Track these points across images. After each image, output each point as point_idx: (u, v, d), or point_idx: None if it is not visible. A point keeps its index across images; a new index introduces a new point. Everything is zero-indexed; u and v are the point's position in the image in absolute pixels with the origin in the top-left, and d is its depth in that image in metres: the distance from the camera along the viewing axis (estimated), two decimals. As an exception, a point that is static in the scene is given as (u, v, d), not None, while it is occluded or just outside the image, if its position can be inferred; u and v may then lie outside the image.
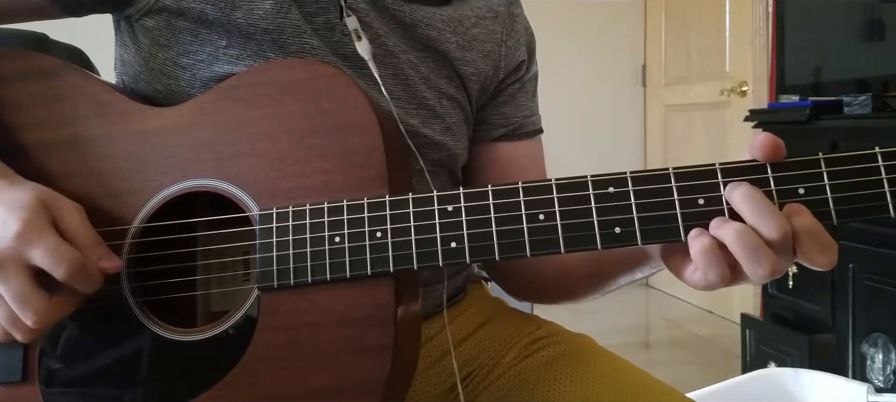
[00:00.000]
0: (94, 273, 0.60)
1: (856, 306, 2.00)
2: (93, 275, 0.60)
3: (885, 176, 0.53)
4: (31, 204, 0.58)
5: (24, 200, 0.59)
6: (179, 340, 0.63)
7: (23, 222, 0.57)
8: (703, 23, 3.60)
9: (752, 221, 0.53)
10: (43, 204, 0.59)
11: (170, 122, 0.66)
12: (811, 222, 0.53)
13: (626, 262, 0.69)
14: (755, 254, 0.53)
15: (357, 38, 0.71)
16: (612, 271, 0.72)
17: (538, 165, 0.88)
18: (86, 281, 0.59)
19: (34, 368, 0.64)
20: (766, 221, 0.53)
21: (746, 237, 0.53)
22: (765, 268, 0.53)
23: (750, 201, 0.53)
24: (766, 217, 0.53)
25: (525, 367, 0.78)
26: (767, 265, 0.53)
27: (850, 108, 2.02)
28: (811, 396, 1.31)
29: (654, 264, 0.65)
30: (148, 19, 0.72)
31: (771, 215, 0.53)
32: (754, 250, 0.53)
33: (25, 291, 0.57)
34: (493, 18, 0.82)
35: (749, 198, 0.53)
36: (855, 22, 2.29)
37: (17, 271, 0.57)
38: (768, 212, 0.53)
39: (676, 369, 2.85)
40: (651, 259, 0.65)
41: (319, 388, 0.59)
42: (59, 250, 0.58)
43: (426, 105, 0.77)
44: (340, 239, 0.60)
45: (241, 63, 0.70)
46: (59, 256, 0.58)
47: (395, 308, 0.59)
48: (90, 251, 0.60)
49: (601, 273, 0.74)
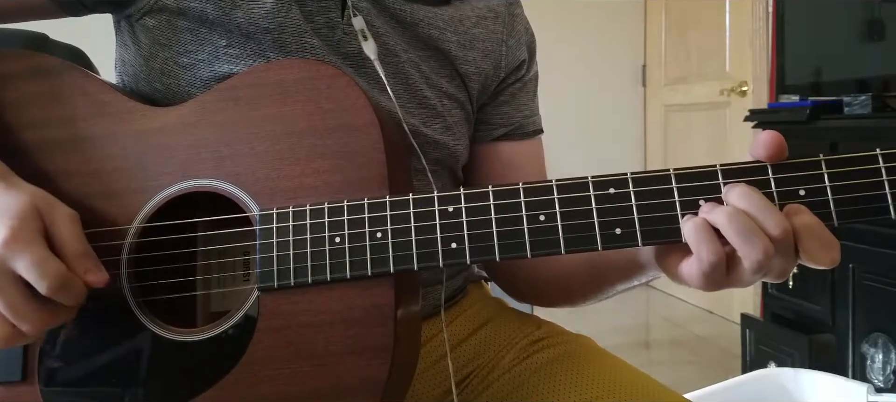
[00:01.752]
0: (78, 287, 0.59)
1: (856, 306, 2.00)
2: (77, 289, 0.59)
3: (885, 177, 0.53)
4: (23, 211, 0.57)
5: (16, 206, 0.57)
6: (179, 340, 0.63)
7: (11, 231, 0.56)
8: (703, 23, 3.60)
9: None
10: (35, 211, 0.58)
11: (170, 121, 0.66)
12: (812, 220, 0.53)
13: (625, 269, 0.69)
14: (748, 235, 0.52)
15: (364, 39, 0.71)
16: (610, 276, 0.72)
17: (538, 165, 0.88)
18: (69, 295, 0.58)
19: (34, 367, 0.64)
20: (766, 218, 0.53)
21: (739, 218, 0.52)
22: (759, 249, 0.52)
23: (747, 198, 0.53)
24: (765, 214, 0.53)
25: (525, 368, 0.78)
26: (761, 247, 0.52)
27: (850, 108, 2.02)
28: (811, 396, 1.31)
29: (651, 272, 0.65)
30: (148, 19, 0.72)
31: (770, 212, 0.53)
32: (748, 231, 0.52)
33: (15, 300, 0.56)
34: (493, 18, 0.82)
35: (746, 196, 0.53)
36: (855, 22, 2.29)
37: (7, 282, 0.56)
38: (767, 209, 0.53)
39: (676, 369, 2.85)
40: (648, 267, 0.65)
41: (319, 388, 0.59)
42: (43, 264, 0.56)
43: (427, 104, 0.77)
44: (341, 239, 0.59)
45: (241, 63, 0.70)
46: (43, 271, 0.56)
47: (395, 309, 0.59)
48: (77, 264, 0.59)
49: (600, 279, 0.74)
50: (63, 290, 0.57)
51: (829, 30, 2.43)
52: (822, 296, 2.09)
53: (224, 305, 0.69)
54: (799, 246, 0.53)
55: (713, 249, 0.54)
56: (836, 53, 2.40)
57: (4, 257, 0.56)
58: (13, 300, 0.56)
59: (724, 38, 3.43)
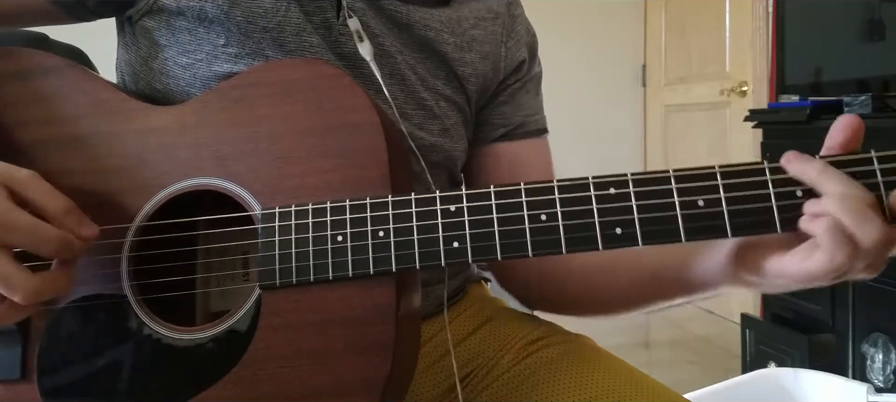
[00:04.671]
0: (77, 244, 0.59)
1: (856, 306, 2.00)
2: (76, 245, 0.59)
3: (880, 179, 0.53)
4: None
5: None
6: (181, 338, 0.63)
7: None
8: (703, 23, 3.60)
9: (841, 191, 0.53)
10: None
11: (172, 120, 0.66)
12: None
13: (688, 282, 0.68)
14: (863, 214, 0.52)
15: (359, 40, 0.71)
16: (670, 290, 0.71)
17: (543, 164, 0.86)
18: (70, 252, 0.58)
19: (33, 365, 0.64)
20: (854, 190, 0.52)
21: (849, 200, 0.52)
22: (876, 225, 0.51)
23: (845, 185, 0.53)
24: (854, 187, 0.53)
25: (524, 367, 0.78)
26: (877, 223, 0.51)
27: (850, 108, 2.02)
28: (811, 396, 1.31)
29: (724, 287, 0.64)
30: (147, 20, 0.72)
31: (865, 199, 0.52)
32: (861, 210, 0.52)
33: (7, 270, 0.55)
34: (492, 19, 0.82)
35: (843, 182, 0.53)
36: (855, 22, 2.29)
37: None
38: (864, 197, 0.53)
39: (676, 369, 2.85)
40: (721, 281, 0.64)
41: (320, 386, 0.60)
42: (37, 229, 0.56)
43: (424, 106, 0.77)
44: (343, 238, 0.60)
45: (240, 61, 0.70)
46: (41, 235, 0.56)
47: (396, 307, 0.59)
48: (66, 220, 0.58)
49: (653, 291, 0.73)
50: (64, 250, 0.58)
51: (829, 30, 2.43)
52: (822, 296, 2.09)
53: (225, 304, 0.69)
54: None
55: (847, 251, 0.52)
56: (836, 53, 2.40)
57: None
58: (4, 270, 0.55)
59: (724, 38, 3.43)
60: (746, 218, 0.55)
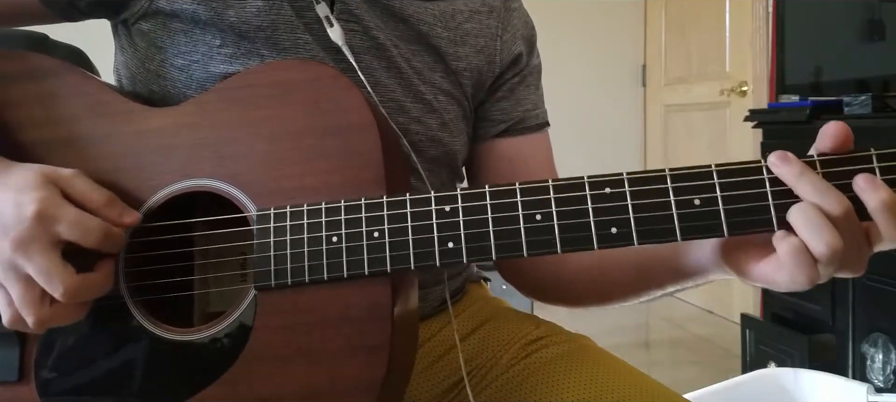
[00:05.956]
0: (119, 233, 0.62)
1: (856, 306, 2.00)
2: (118, 235, 0.62)
3: (880, 177, 0.53)
4: (39, 182, 0.59)
5: (29, 179, 0.60)
6: (177, 339, 0.63)
7: (40, 201, 0.58)
8: (703, 23, 3.60)
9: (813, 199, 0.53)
10: (47, 179, 0.60)
11: (169, 122, 0.66)
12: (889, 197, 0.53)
13: (677, 269, 0.68)
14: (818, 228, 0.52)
15: (329, 25, 0.71)
16: (660, 277, 0.72)
17: (545, 159, 0.86)
18: (114, 243, 0.61)
19: (30, 367, 0.64)
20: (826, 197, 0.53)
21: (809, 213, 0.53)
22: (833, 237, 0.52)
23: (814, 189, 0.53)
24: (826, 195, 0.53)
25: (523, 367, 0.78)
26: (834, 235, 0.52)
27: (850, 108, 2.02)
28: (811, 396, 1.31)
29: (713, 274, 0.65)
30: (143, 23, 0.73)
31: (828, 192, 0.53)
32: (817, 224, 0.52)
33: (52, 264, 0.58)
34: (487, 13, 0.81)
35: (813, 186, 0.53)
36: (855, 22, 2.29)
37: (44, 248, 0.58)
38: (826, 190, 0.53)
39: (676, 369, 2.85)
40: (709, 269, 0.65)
41: (316, 387, 0.60)
42: (83, 220, 0.59)
43: (422, 100, 0.77)
44: (338, 239, 0.60)
45: (235, 62, 0.70)
46: (86, 226, 0.59)
47: (392, 308, 0.59)
48: (108, 212, 0.62)
49: (647, 279, 0.73)
50: (108, 239, 0.61)
51: (829, 30, 2.42)
52: (822, 296, 2.09)
53: (221, 305, 0.69)
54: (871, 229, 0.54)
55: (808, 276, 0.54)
56: (836, 53, 2.40)
57: (42, 227, 0.58)
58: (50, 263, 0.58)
59: (724, 38, 3.43)
60: (743, 217, 0.55)
